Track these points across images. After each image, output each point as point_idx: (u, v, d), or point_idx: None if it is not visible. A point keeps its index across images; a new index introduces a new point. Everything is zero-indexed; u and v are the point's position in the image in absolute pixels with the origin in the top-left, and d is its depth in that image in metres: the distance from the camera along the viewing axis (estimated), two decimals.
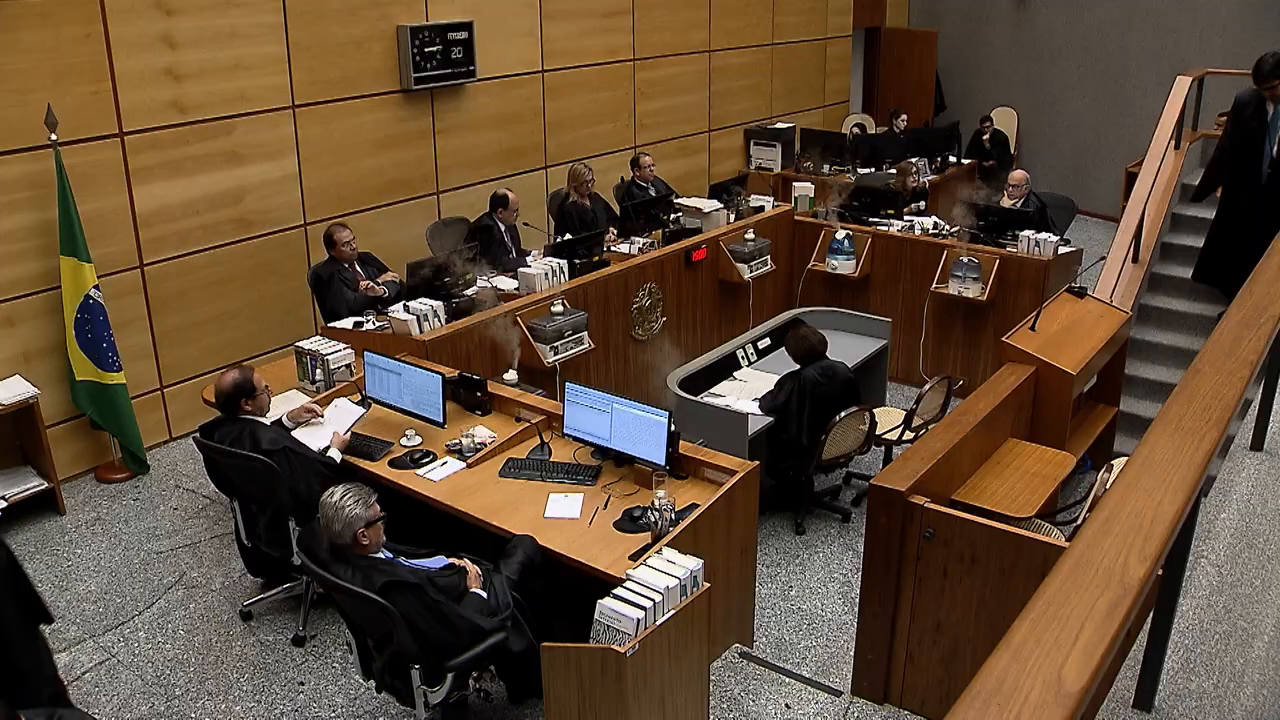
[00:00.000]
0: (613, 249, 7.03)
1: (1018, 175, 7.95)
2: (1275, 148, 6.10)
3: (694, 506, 4.00)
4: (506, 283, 6.40)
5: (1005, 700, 1.31)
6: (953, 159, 10.67)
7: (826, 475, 5.94)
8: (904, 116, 11.28)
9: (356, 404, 4.83)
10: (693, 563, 3.49)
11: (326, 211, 6.92)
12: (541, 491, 4.31)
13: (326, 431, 4.63)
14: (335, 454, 4.51)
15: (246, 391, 4.40)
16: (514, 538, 3.91)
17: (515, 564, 3.76)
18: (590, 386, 4.53)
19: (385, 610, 3.35)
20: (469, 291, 6.14)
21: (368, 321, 5.81)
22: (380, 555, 3.58)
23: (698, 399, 5.48)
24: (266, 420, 4.49)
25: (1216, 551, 2.89)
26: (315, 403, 4.85)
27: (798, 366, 5.45)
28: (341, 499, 3.48)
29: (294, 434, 4.60)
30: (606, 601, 3.33)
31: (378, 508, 3.55)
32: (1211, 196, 6.78)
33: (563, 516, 4.11)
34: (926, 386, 5.78)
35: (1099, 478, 4.55)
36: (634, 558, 3.75)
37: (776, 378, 5.52)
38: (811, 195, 8.24)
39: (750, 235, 7.50)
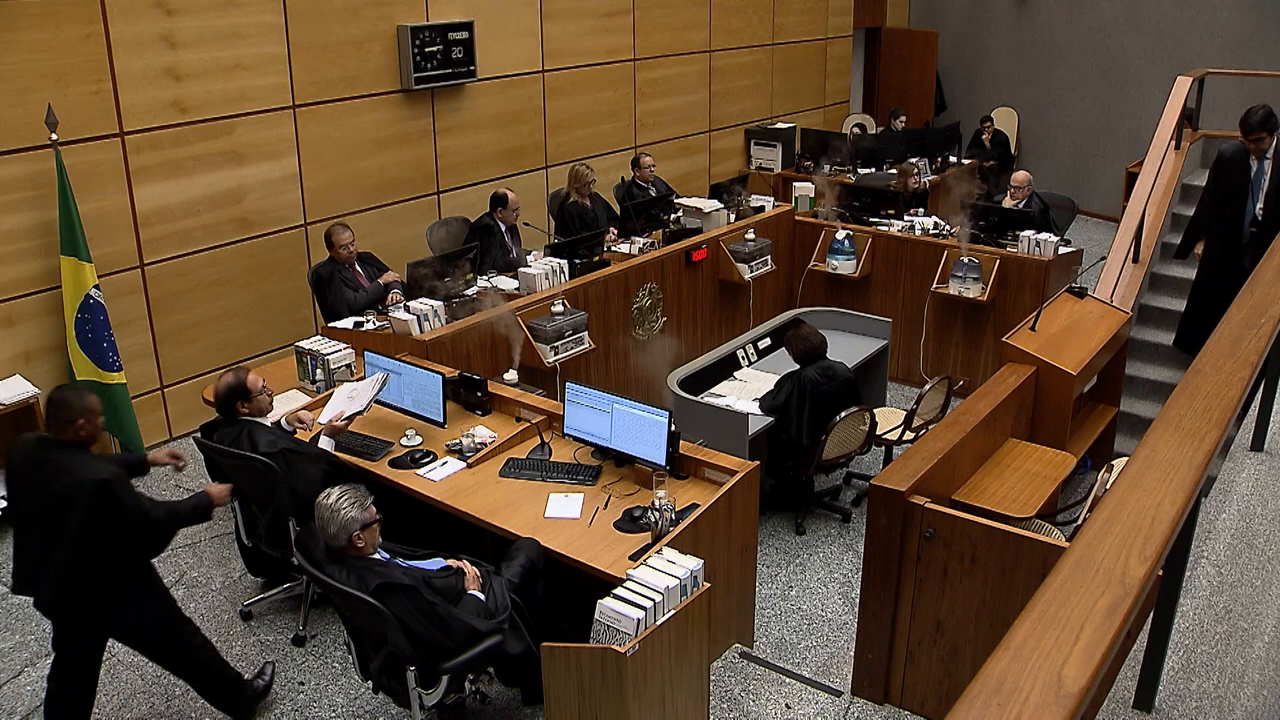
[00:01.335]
0: (613, 249, 7.03)
1: (1020, 176, 7.93)
2: (1259, 205, 5.86)
3: (694, 506, 4.00)
4: (506, 283, 6.40)
5: (1005, 700, 1.31)
6: (953, 159, 10.67)
7: (827, 475, 5.94)
8: (903, 117, 11.29)
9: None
10: (693, 563, 3.49)
11: (326, 211, 6.92)
12: (542, 491, 4.31)
13: (343, 402, 4.63)
14: (327, 442, 4.49)
15: (241, 394, 4.38)
16: (517, 540, 3.90)
17: (517, 567, 3.74)
18: (590, 386, 4.53)
19: (378, 612, 3.34)
20: (469, 291, 6.15)
21: (368, 321, 5.82)
22: (376, 556, 3.56)
23: (698, 399, 5.48)
24: (267, 421, 4.49)
25: (1216, 551, 2.89)
26: (316, 403, 4.85)
27: (798, 366, 5.45)
28: (338, 501, 3.46)
29: (337, 389, 4.70)
30: (607, 601, 3.33)
31: (374, 510, 3.53)
32: (1193, 256, 6.49)
33: (563, 516, 4.11)
34: (927, 387, 5.78)
35: (1099, 478, 4.56)
36: (634, 558, 3.75)
37: (776, 378, 5.52)
38: (812, 195, 8.24)
39: (750, 235, 7.50)
